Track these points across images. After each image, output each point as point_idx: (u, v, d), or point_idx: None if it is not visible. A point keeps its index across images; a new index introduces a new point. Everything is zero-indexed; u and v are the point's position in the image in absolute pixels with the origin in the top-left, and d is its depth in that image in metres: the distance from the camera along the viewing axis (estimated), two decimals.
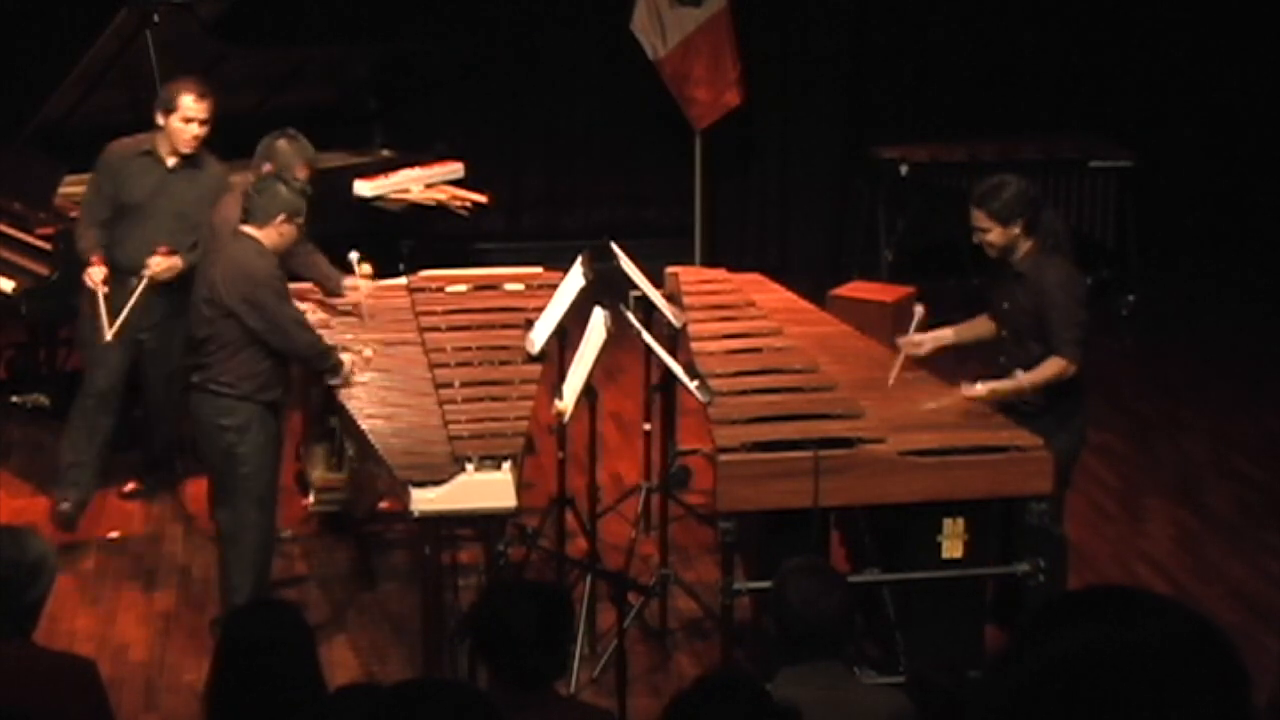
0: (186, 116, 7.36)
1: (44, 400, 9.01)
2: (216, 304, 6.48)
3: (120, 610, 7.12)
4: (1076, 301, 6.32)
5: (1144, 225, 10.59)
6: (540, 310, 6.90)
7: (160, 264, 7.33)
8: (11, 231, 8.36)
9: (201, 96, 7.35)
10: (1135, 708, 1.73)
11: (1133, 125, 10.87)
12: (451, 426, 6.27)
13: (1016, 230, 6.31)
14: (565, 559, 6.82)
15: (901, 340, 6.66)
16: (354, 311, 7.23)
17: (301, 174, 6.96)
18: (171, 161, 7.48)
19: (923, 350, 6.62)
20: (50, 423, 8.83)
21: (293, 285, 6.93)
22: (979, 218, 6.34)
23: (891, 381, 6.53)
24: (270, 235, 6.50)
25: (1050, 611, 1.83)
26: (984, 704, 1.81)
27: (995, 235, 6.33)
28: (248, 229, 6.51)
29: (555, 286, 6.93)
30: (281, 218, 6.49)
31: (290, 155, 7.07)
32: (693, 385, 6.34)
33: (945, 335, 6.70)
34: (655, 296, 7.09)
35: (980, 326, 6.72)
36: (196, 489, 7.72)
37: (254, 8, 9.55)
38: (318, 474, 7.60)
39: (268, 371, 6.56)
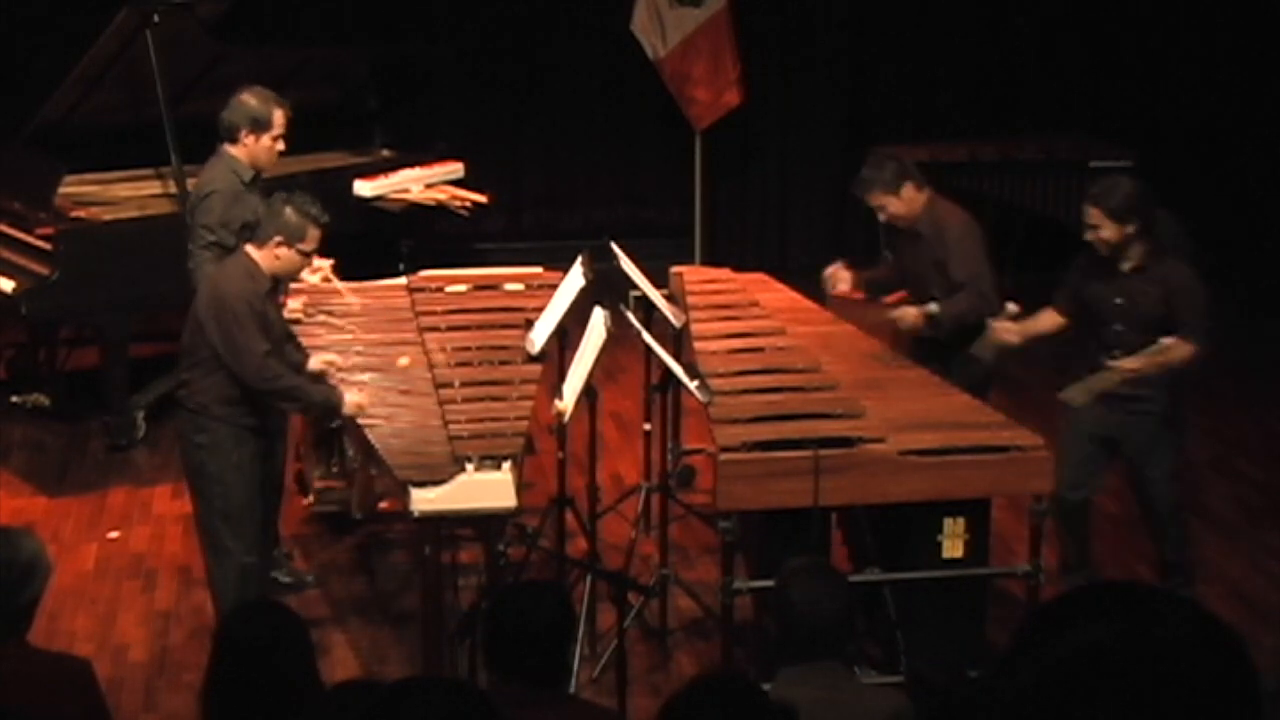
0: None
1: (44, 400, 9.01)
2: (194, 318, 6.32)
3: (120, 610, 7.11)
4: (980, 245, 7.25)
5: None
6: (540, 310, 6.90)
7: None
8: (11, 231, 8.37)
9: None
10: (1144, 706, 1.72)
11: (1133, 125, 10.86)
12: (451, 426, 6.26)
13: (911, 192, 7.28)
14: (565, 559, 6.81)
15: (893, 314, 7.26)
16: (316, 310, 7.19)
17: (279, 119, 6.97)
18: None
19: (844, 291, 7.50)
20: (50, 423, 8.84)
21: (295, 286, 6.91)
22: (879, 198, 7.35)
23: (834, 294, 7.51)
24: (266, 257, 6.27)
25: (1056, 608, 1.82)
26: (991, 702, 1.80)
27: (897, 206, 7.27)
28: (248, 247, 6.34)
29: (555, 286, 6.92)
30: (278, 239, 6.24)
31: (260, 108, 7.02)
32: (693, 385, 6.33)
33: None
34: (655, 296, 7.08)
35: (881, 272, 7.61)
36: None
37: (254, 8, 9.56)
38: (317, 475, 7.60)
39: (245, 394, 6.28)
